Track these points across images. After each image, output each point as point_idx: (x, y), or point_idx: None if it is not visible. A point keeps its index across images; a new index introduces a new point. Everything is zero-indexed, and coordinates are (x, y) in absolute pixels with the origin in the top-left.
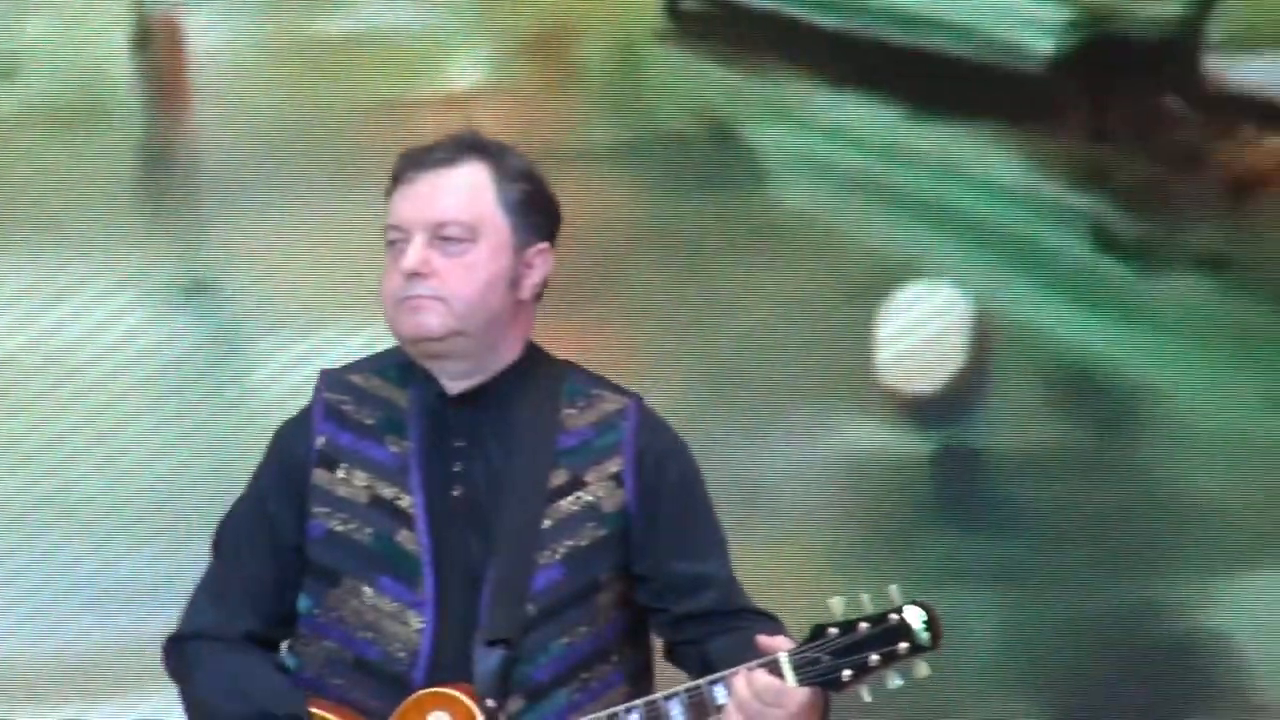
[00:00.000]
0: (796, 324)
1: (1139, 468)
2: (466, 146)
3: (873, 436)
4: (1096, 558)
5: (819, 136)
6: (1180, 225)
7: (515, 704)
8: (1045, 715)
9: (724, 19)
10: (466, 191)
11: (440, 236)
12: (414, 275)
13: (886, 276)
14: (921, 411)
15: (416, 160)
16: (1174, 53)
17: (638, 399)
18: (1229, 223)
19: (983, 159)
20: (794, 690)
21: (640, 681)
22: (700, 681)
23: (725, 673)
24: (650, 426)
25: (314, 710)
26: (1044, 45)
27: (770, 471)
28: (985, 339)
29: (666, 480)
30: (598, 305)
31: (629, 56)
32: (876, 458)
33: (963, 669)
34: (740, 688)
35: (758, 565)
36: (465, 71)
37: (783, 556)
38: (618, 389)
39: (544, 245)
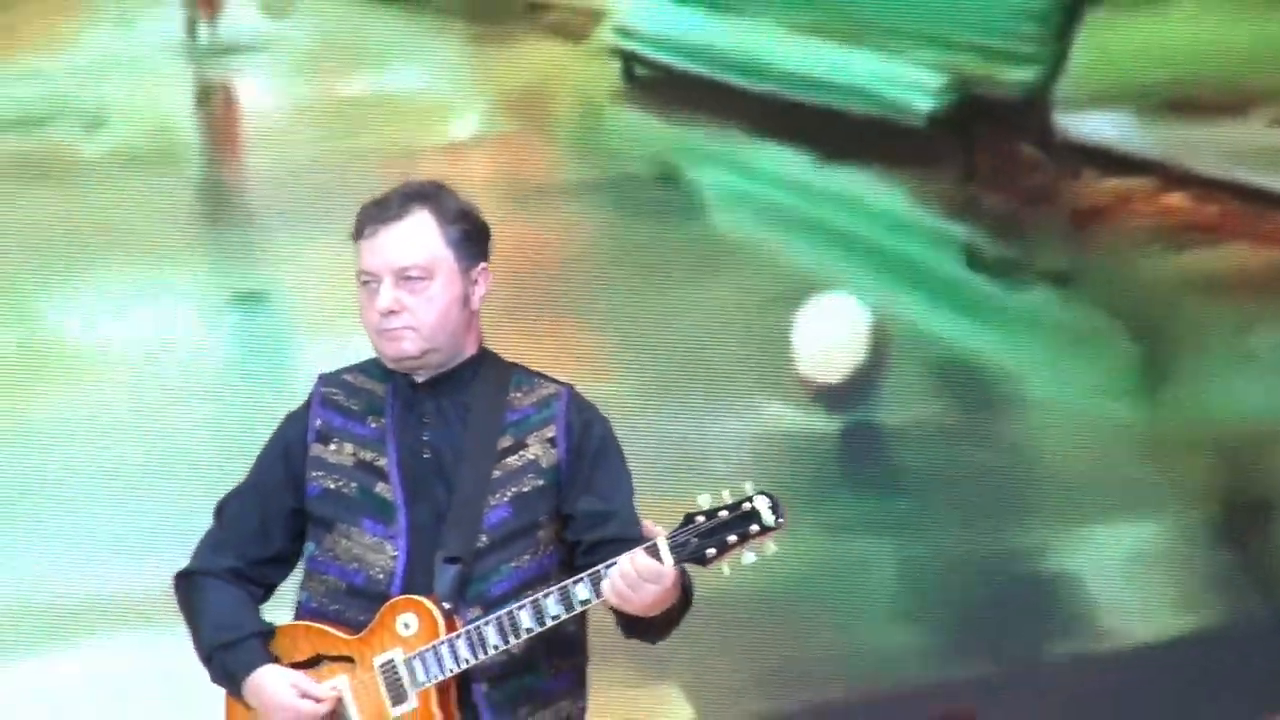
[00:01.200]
0: (730, 328)
1: (1001, 439)
2: (411, 198)
3: (792, 417)
4: (969, 512)
5: (745, 177)
6: (1034, 249)
7: (474, 612)
8: (931, 639)
9: (669, 84)
10: (418, 239)
11: (404, 277)
12: (389, 313)
13: (801, 289)
14: (830, 397)
15: (373, 216)
16: (1029, 111)
17: (570, 387)
18: (1072, 247)
19: (876, 195)
20: (667, 570)
21: None
22: (568, 581)
23: (597, 568)
24: (579, 406)
25: (316, 626)
26: (925, 104)
27: (709, 447)
28: (880, 339)
29: (589, 443)
30: (572, 314)
31: (593, 113)
32: (795, 434)
33: (865, 605)
34: (625, 567)
35: None
36: (463, 124)
37: None
38: (554, 380)
39: (484, 265)
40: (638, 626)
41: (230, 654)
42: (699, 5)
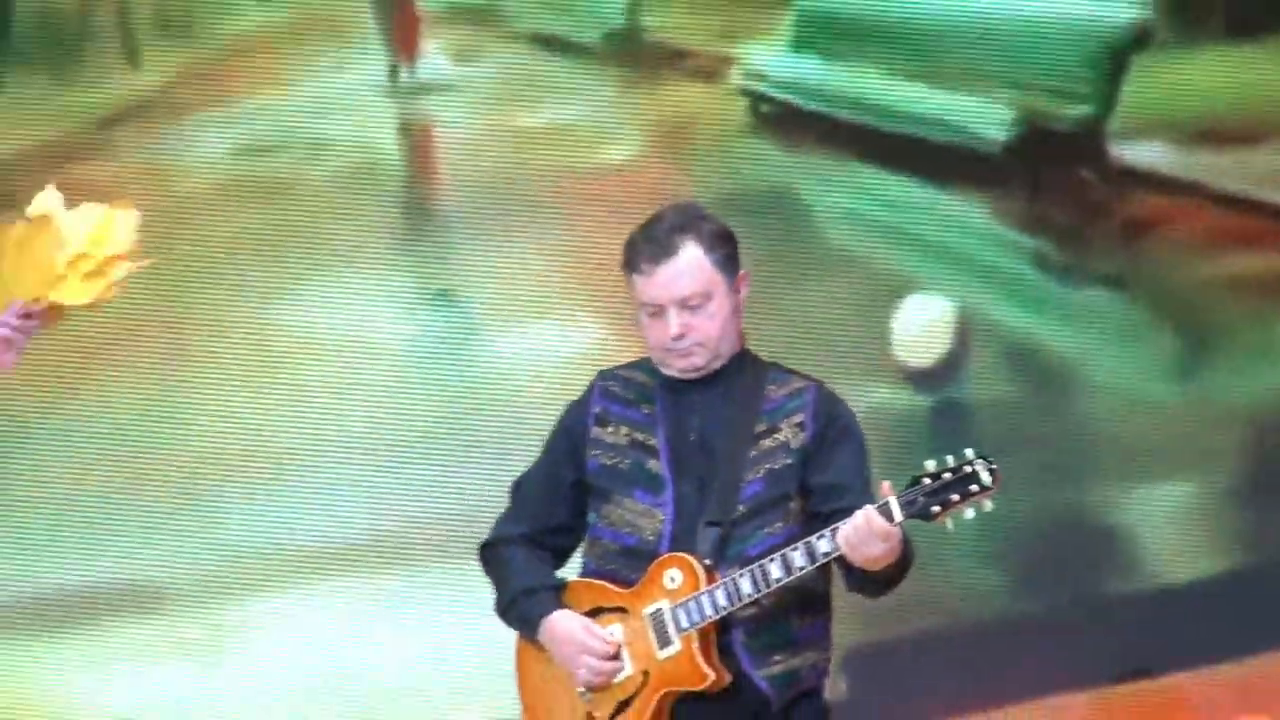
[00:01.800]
0: (839, 323)
1: (1065, 414)
2: (675, 231)
3: (891, 396)
4: (1039, 474)
5: (851, 197)
6: (1091, 255)
7: (733, 570)
8: (1007, 579)
9: (789, 119)
10: (692, 270)
11: (686, 306)
12: (679, 337)
13: (897, 290)
14: (922, 379)
15: (646, 254)
16: (1086, 140)
17: (819, 382)
18: (1124, 254)
19: (959, 211)
20: (894, 529)
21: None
22: (812, 536)
23: (836, 525)
24: (825, 397)
25: (595, 582)
26: (999, 135)
27: None
28: (963, 330)
29: (832, 429)
30: None
31: (725, 142)
32: (893, 410)
33: (952, 550)
34: (860, 522)
35: None
36: (616, 151)
37: None
38: (805, 377)
39: (743, 272)
40: (861, 581)
41: (529, 601)
42: (814, 53)
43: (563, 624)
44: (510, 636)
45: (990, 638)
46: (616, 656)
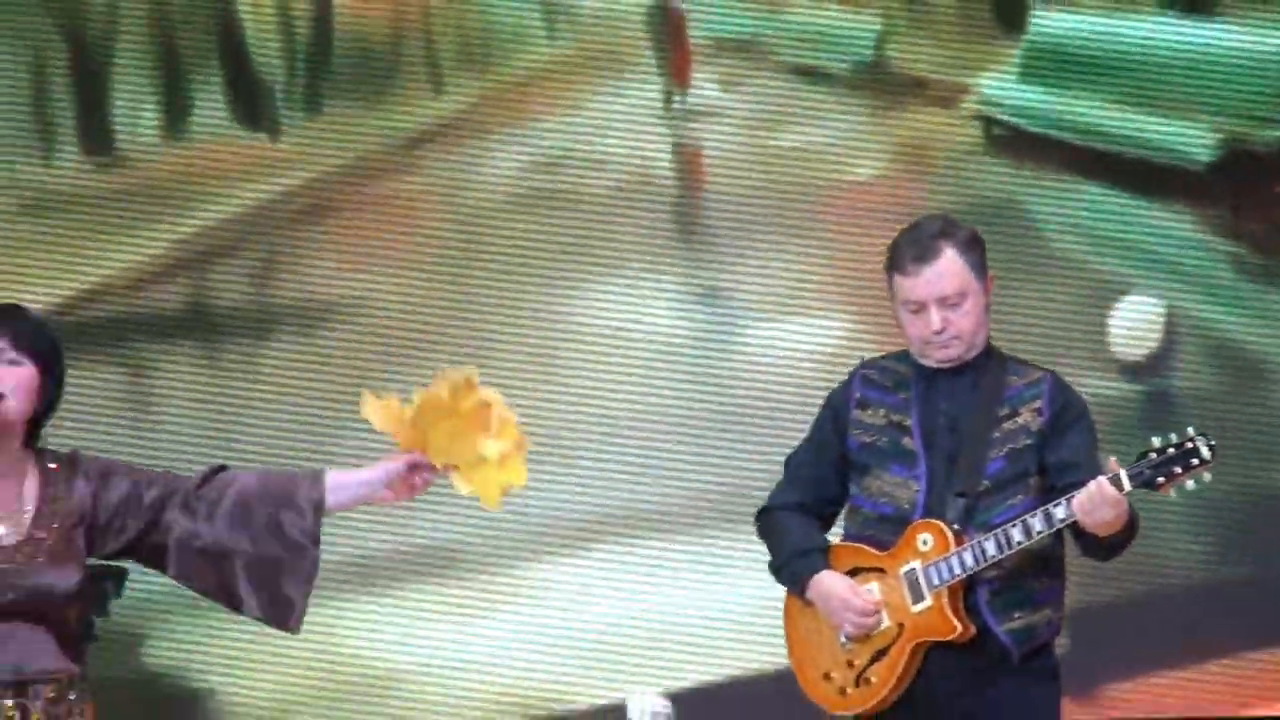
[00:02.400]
0: (1061, 320)
1: (1263, 400)
2: (936, 237)
3: (1108, 386)
4: (1240, 454)
5: (1073, 209)
6: None
7: (979, 535)
8: (1208, 545)
9: (1017, 140)
10: (952, 273)
11: (945, 304)
12: (940, 331)
13: (1114, 291)
14: (1135, 370)
15: (912, 256)
16: None
17: (1054, 372)
18: None
19: (1168, 222)
20: (1123, 498)
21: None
22: (1049, 504)
23: (1071, 494)
24: (1061, 386)
25: (854, 546)
26: (1204, 155)
27: None
28: (1172, 327)
29: (1066, 414)
30: None
31: (960, 161)
32: (1109, 398)
33: (1160, 520)
34: (1093, 490)
35: None
36: (864, 168)
37: None
38: (1041, 368)
39: (991, 275)
40: (1093, 546)
41: (800, 561)
42: (1040, 83)
43: (829, 582)
44: (779, 593)
45: (1196, 600)
46: (876, 612)
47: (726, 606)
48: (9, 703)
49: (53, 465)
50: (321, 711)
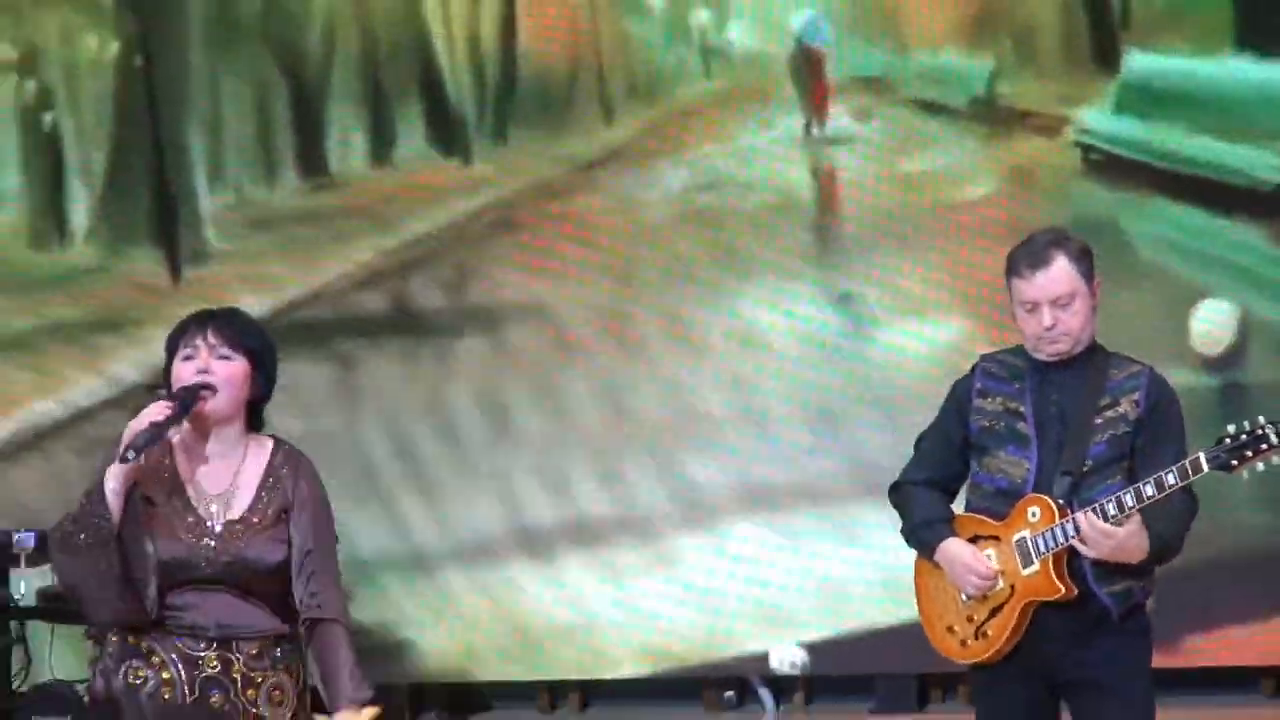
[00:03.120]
0: (1148, 320)
1: None
2: (1051, 245)
3: (1189, 378)
4: None
5: (1160, 226)
6: None
7: (1082, 511)
8: (1276, 521)
9: (1113, 165)
10: (1063, 278)
11: (1057, 304)
12: (1050, 328)
13: (1194, 296)
14: (1213, 365)
15: (1029, 263)
16: None
17: (1151, 367)
18: None
19: (1243, 236)
20: (1118, 531)
21: None
22: (1140, 482)
23: (1158, 473)
24: (1157, 380)
25: (974, 517)
26: (1272, 176)
27: None
28: (1244, 327)
29: (1160, 408)
30: None
31: (1061, 182)
32: (1190, 389)
33: (1231, 497)
34: (1083, 526)
35: None
36: (976, 189)
37: None
38: (1139, 363)
39: (1098, 279)
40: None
41: (928, 530)
42: (1131, 115)
43: (954, 548)
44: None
45: (1268, 564)
46: (993, 576)
47: (861, 569)
48: (211, 655)
49: (279, 457)
50: (503, 659)
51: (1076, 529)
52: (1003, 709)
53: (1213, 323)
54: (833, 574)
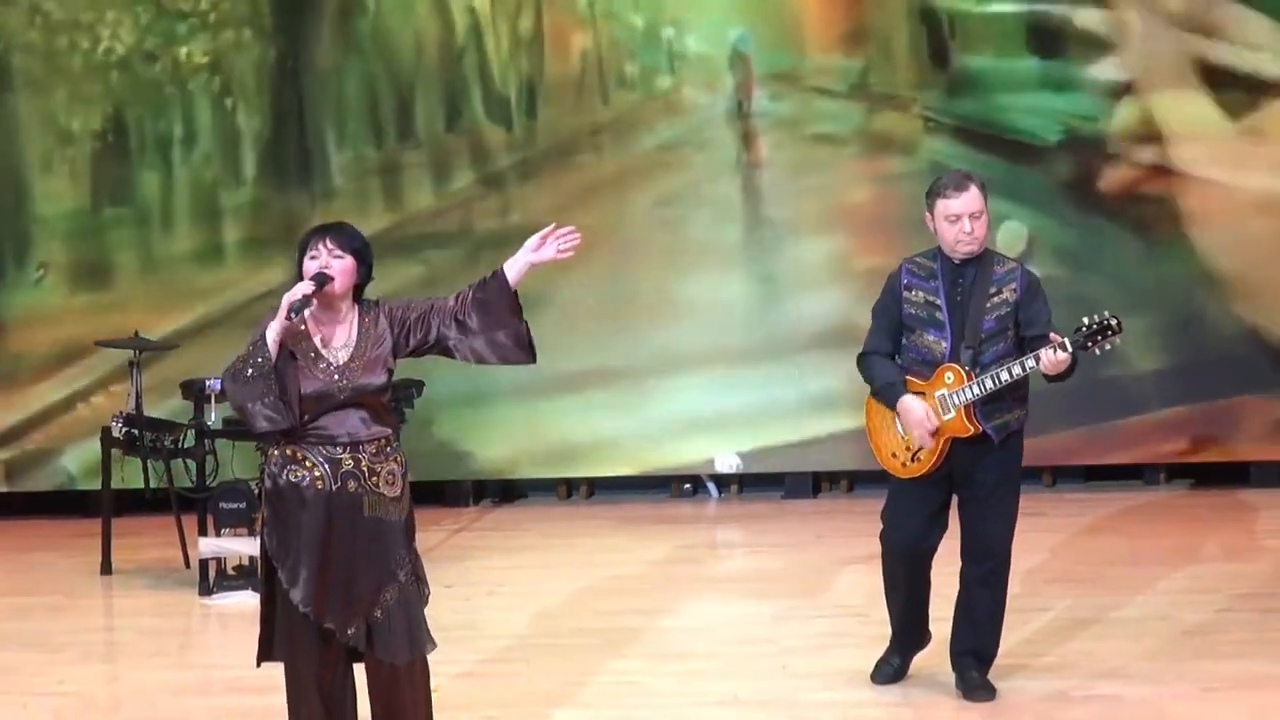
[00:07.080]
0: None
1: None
2: (967, 177)
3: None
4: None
5: (975, 169)
6: None
7: (982, 373)
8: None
9: (942, 130)
10: (976, 198)
11: (973, 218)
12: (969, 233)
13: (999, 219)
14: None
15: (953, 187)
16: None
17: (1021, 263)
18: None
19: (1033, 178)
20: (1067, 357)
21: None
22: (1025, 357)
23: (1037, 351)
24: (1026, 273)
25: (908, 378)
26: (1052, 138)
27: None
28: (1030, 238)
29: (1031, 289)
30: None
31: (910, 141)
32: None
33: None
34: (1047, 354)
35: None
36: (853, 148)
37: None
38: (1013, 260)
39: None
40: (1050, 380)
41: (892, 389)
42: (957, 97)
43: (911, 403)
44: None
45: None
46: (937, 429)
47: (783, 402)
48: (346, 455)
49: (367, 314)
50: (534, 464)
51: (1037, 360)
52: (916, 498)
53: (1011, 235)
54: (761, 404)
